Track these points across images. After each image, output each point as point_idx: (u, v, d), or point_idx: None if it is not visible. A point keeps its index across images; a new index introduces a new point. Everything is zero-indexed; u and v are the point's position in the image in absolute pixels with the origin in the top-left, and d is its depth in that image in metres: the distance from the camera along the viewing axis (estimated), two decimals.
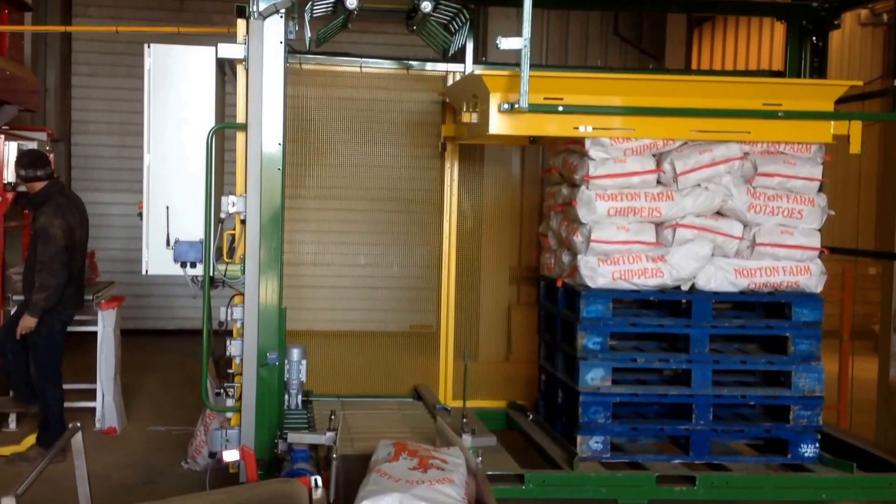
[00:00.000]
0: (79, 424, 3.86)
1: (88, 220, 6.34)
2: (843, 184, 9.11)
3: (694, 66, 13.13)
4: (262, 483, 4.27)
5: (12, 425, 6.76)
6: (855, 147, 5.18)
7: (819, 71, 6.34)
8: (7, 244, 7.12)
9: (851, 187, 9.09)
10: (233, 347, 4.93)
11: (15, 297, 6.74)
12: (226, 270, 4.90)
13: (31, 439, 6.22)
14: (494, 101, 4.91)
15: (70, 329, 6.37)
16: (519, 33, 4.61)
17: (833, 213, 5.46)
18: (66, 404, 6.38)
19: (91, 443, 6.10)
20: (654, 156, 5.28)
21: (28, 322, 5.95)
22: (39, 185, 6.09)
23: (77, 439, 3.78)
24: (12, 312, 6.50)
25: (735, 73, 10.38)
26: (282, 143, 4.81)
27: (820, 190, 5.45)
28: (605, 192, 5.18)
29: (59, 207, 6.00)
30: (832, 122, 5.16)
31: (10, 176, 6.83)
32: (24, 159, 6.20)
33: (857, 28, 12.08)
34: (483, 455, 3.71)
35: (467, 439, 4.48)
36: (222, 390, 5.13)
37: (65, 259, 5.93)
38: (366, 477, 3.68)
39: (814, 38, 6.32)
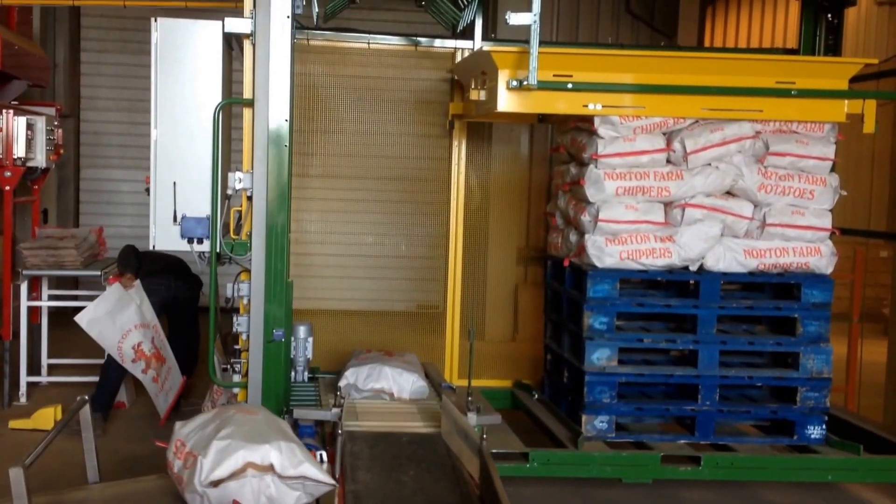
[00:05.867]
0: (86, 397, 3.87)
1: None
2: (855, 164, 9.02)
3: (707, 44, 12.96)
4: None
5: (23, 399, 6.81)
6: (868, 126, 5.12)
7: (834, 49, 6.26)
8: (17, 219, 7.13)
9: (864, 167, 9.01)
10: (239, 323, 4.94)
11: (25, 272, 6.76)
12: (232, 247, 4.90)
13: (42, 412, 6.25)
14: (503, 77, 4.86)
15: (76, 304, 6.40)
16: (529, 9, 4.56)
17: (845, 193, 5.41)
18: (76, 378, 6.44)
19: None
20: (664, 134, 5.23)
21: None
22: None
23: (84, 412, 3.79)
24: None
25: (748, 50, 10.27)
26: (288, 119, 4.79)
27: (832, 170, 5.40)
28: (613, 170, 5.14)
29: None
30: (846, 101, 5.10)
31: (19, 150, 6.83)
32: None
33: (874, 7, 11.93)
34: (488, 433, 3.70)
35: (472, 417, 4.48)
36: (229, 366, 5.15)
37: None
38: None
39: (829, 16, 6.24)
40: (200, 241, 4.89)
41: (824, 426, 5.30)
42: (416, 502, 3.54)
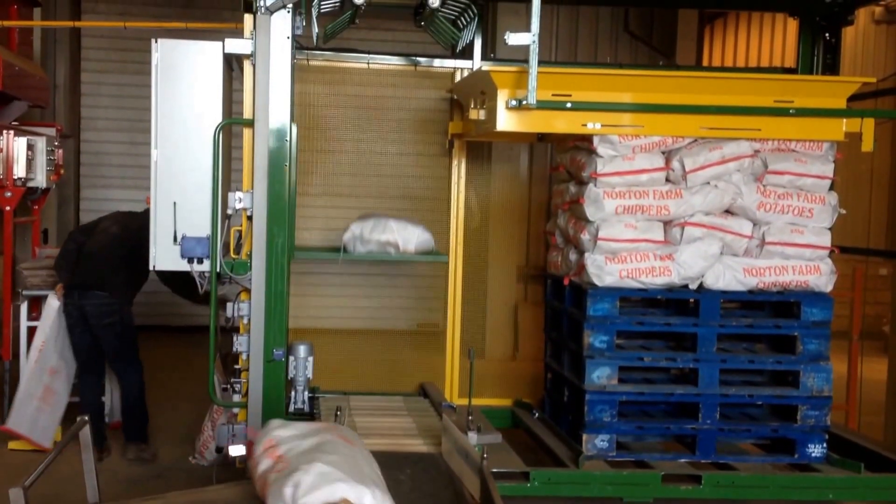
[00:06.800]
0: (86, 418, 3.86)
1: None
2: (854, 182, 9.04)
3: (705, 63, 13.06)
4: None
5: None
6: (867, 145, 5.13)
7: (832, 68, 6.29)
8: (17, 240, 7.14)
9: (863, 186, 9.03)
10: (239, 343, 4.94)
11: (25, 293, 6.76)
12: (232, 266, 4.90)
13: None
14: (502, 97, 4.88)
15: None
16: (527, 29, 4.59)
17: (844, 211, 5.42)
18: (75, 399, 6.43)
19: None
20: (663, 153, 5.25)
21: None
22: None
23: (84, 433, 3.78)
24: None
25: (746, 69, 10.32)
26: (289, 139, 4.81)
27: (831, 188, 5.41)
28: (612, 189, 5.16)
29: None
30: (844, 120, 5.11)
31: (20, 171, 6.85)
32: None
33: (871, 25, 12.01)
34: (488, 452, 3.69)
35: (473, 437, 4.47)
36: (229, 386, 5.14)
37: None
38: None
39: (827, 35, 6.27)
40: (200, 261, 4.90)
41: (825, 444, 5.28)
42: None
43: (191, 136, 4.90)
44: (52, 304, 6.28)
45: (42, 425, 6.29)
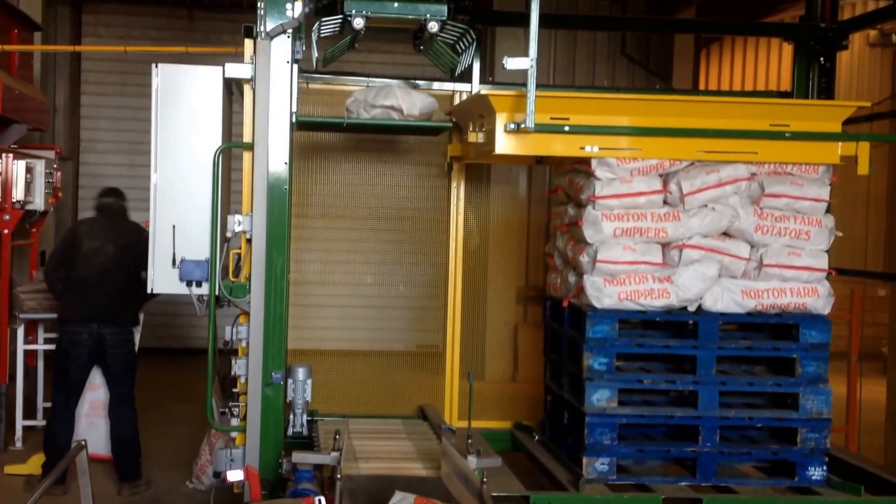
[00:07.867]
0: (83, 442, 3.85)
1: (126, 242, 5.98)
2: (851, 205, 9.09)
3: (701, 86, 13.13)
4: (266, 503, 4.26)
5: (19, 444, 6.76)
6: (862, 168, 5.17)
7: (827, 91, 6.33)
8: (14, 263, 7.13)
9: (860, 208, 9.07)
10: (238, 366, 4.92)
11: (22, 316, 6.75)
12: (231, 289, 4.90)
13: (39, 457, 6.20)
14: (501, 120, 4.91)
15: None
16: (525, 53, 4.62)
17: (841, 234, 5.44)
18: None
19: (97, 461, 6.10)
20: (660, 176, 5.27)
21: None
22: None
23: (81, 458, 3.77)
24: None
25: (742, 93, 10.39)
26: (288, 161, 4.82)
27: (827, 211, 5.43)
28: (611, 212, 5.17)
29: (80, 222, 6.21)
30: (840, 143, 5.15)
31: (18, 194, 6.86)
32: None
33: (866, 49, 12.11)
34: (488, 476, 3.68)
35: (472, 460, 4.45)
36: (227, 409, 5.12)
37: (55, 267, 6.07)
38: None
39: (822, 59, 6.32)
40: (199, 284, 4.90)
41: (825, 467, 5.27)
42: None
43: (190, 159, 4.91)
44: None
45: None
